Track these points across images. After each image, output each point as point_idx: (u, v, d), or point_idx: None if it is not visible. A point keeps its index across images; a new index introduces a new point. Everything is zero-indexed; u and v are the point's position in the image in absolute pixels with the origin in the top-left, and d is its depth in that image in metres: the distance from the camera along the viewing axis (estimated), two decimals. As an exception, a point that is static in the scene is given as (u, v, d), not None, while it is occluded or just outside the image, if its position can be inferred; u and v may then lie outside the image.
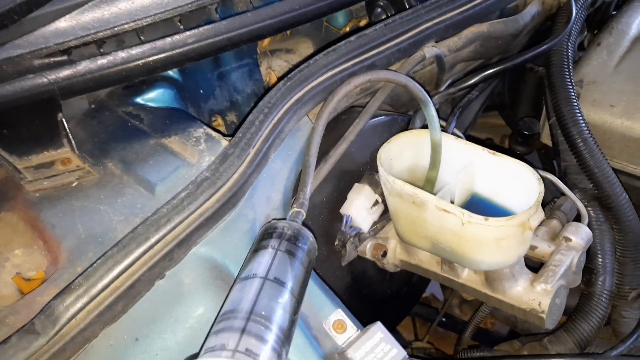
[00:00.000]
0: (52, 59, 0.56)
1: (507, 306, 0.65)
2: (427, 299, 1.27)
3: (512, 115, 0.98)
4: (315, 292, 0.53)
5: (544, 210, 0.69)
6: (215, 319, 0.44)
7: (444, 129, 0.83)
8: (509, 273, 0.63)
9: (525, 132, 0.88)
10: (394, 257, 0.75)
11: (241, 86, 0.84)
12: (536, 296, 0.62)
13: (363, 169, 0.74)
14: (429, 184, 0.67)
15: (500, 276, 0.63)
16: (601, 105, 0.84)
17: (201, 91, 0.80)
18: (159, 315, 0.49)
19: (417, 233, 0.65)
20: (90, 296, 0.43)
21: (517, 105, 0.97)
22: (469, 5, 0.72)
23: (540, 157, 0.95)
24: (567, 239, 0.67)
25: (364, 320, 0.54)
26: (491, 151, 0.63)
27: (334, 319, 0.51)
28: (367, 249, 0.75)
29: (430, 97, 0.67)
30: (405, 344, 0.99)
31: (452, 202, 0.66)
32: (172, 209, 0.47)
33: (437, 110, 0.67)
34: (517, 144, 0.92)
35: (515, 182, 0.61)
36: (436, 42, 0.74)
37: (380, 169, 0.62)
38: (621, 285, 0.77)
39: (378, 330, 0.47)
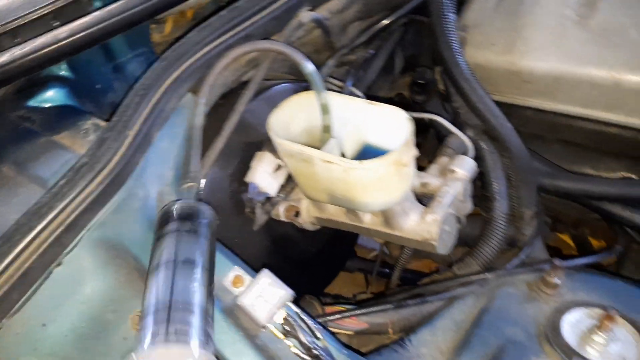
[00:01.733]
0: None
1: (406, 240, 0.71)
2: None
3: (413, 65, 1.03)
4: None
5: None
6: (142, 313, 0.46)
7: (340, 89, 0.88)
8: (401, 210, 0.69)
9: (420, 81, 0.93)
10: (308, 215, 0.79)
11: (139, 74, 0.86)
12: (427, 226, 0.68)
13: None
14: (324, 141, 0.72)
15: (394, 214, 0.69)
16: (484, 46, 0.90)
17: (98, 86, 0.81)
18: (64, 299, 0.52)
19: (315, 188, 0.70)
20: (-19, 289, 0.46)
21: (418, 58, 1.02)
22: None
23: (441, 103, 1.01)
24: (452, 172, 0.73)
25: (292, 280, 0.58)
26: (369, 101, 0.67)
27: (232, 276, 0.55)
28: (281, 211, 0.79)
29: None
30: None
31: (343, 155, 0.71)
32: (52, 197, 0.50)
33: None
34: (416, 93, 0.98)
35: (392, 125, 0.65)
36: (314, 6, 0.77)
37: (269, 133, 0.66)
38: (518, 208, 0.84)
39: (265, 276, 0.51)
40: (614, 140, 0.89)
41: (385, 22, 0.87)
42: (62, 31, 0.63)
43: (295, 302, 0.54)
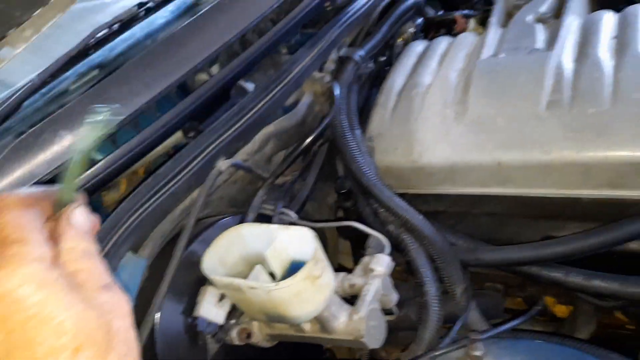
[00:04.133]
0: None
1: (341, 342, 0.78)
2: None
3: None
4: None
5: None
6: None
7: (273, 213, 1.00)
8: (330, 315, 0.77)
9: (340, 191, 1.06)
10: (261, 333, 0.87)
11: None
12: (355, 325, 0.76)
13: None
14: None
15: (325, 319, 0.77)
16: (389, 151, 1.05)
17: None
18: None
19: (254, 311, 0.79)
20: None
21: (335, 170, 1.16)
22: (243, 121, 0.92)
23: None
24: (372, 270, 0.82)
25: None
26: (281, 226, 0.79)
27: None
28: (234, 336, 0.87)
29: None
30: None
31: (273, 275, 0.81)
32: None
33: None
34: (343, 201, 1.10)
35: (305, 243, 0.76)
36: (232, 153, 0.92)
37: (202, 270, 0.76)
38: (449, 286, 0.93)
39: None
40: (525, 206, 1.01)
41: (303, 146, 1.03)
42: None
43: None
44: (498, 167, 0.92)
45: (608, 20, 1.02)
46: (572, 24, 1.05)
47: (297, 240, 0.78)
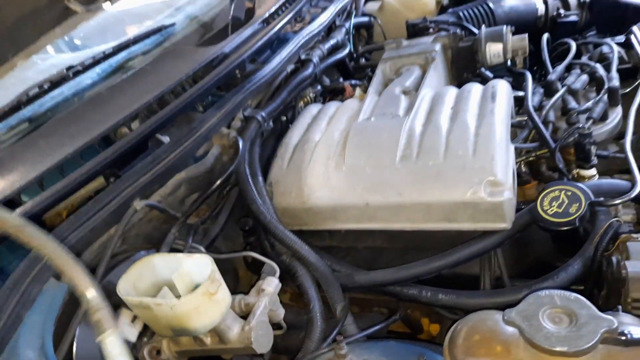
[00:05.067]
0: None
1: (236, 350, 0.95)
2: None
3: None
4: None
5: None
6: None
7: (184, 247, 1.16)
8: (225, 327, 0.94)
9: (244, 228, 1.26)
10: (169, 351, 1.01)
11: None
12: (246, 334, 0.93)
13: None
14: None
15: (222, 331, 0.94)
16: (284, 195, 1.26)
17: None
18: None
19: (161, 327, 0.93)
20: None
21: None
22: (158, 168, 1.10)
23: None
24: (262, 290, 1.01)
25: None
26: (186, 254, 0.96)
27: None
28: (145, 354, 1.00)
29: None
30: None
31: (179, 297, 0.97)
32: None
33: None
34: (247, 237, 1.29)
35: (205, 268, 0.94)
36: (148, 196, 1.09)
37: (118, 292, 0.91)
38: (331, 304, 1.13)
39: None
40: (392, 240, 1.26)
41: (211, 190, 1.21)
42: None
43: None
44: (366, 207, 1.17)
45: (451, 94, 1.34)
46: (425, 96, 1.35)
47: (199, 266, 0.95)
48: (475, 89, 1.32)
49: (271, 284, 1.02)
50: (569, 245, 1.08)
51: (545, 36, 1.70)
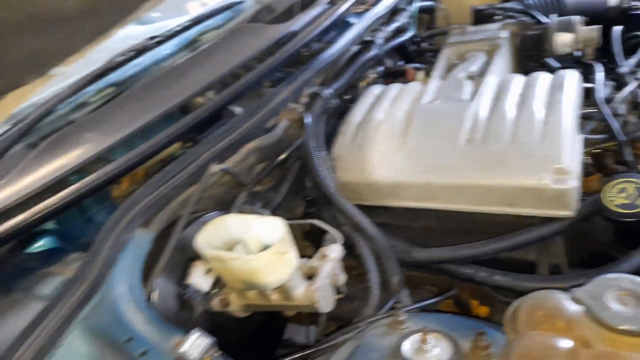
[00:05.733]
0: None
1: (300, 307, 1.02)
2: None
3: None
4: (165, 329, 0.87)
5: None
6: None
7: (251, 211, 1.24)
8: (292, 285, 1.01)
9: (306, 199, 1.32)
10: (237, 303, 1.10)
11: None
12: (312, 293, 1.00)
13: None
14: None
15: (288, 288, 1.01)
16: (347, 169, 1.31)
17: (75, 233, 1.14)
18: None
19: (234, 280, 1.01)
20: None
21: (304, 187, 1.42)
22: (233, 136, 1.17)
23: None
24: (327, 256, 1.07)
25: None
26: (258, 216, 1.03)
27: (175, 340, 0.84)
28: (215, 303, 1.09)
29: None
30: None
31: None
32: (54, 300, 0.79)
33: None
34: (307, 207, 1.35)
35: (276, 231, 1.00)
36: (220, 161, 1.17)
37: (196, 246, 0.99)
38: (387, 276, 1.18)
39: (196, 333, 0.81)
40: (448, 221, 1.29)
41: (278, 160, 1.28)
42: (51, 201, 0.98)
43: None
44: (427, 186, 1.20)
45: (517, 81, 1.34)
46: (491, 82, 1.36)
47: (269, 229, 1.02)
48: (543, 78, 1.32)
49: (335, 251, 1.08)
50: (632, 238, 1.08)
51: (619, 29, 1.66)
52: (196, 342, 0.80)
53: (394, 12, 1.91)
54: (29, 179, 1.01)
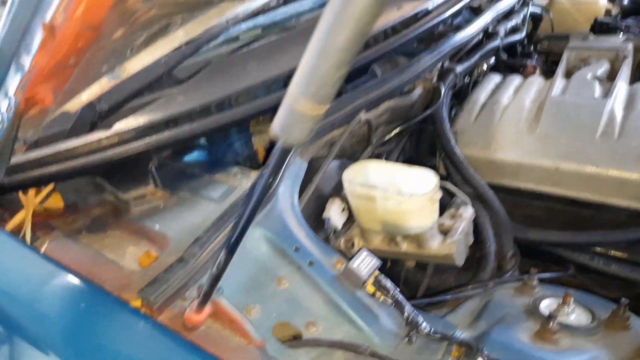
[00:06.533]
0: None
1: (433, 258, 1.06)
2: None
3: (417, 157, 1.46)
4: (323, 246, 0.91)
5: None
6: None
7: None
8: (430, 235, 1.05)
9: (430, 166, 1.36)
10: (358, 246, 1.14)
11: (240, 150, 1.26)
12: (447, 247, 1.04)
13: (334, 192, 1.16)
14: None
15: (426, 238, 1.05)
16: (469, 145, 1.35)
17: (218, 154, 1.20)
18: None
19: (372, 220, 1.06)
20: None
21: (420, 151, 1.46)
22: (379, 91, 1.22)
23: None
24: (460, 215, 1.11)
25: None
26: (404, 166, 1.07)
27: (334, 260, 0.89)
28: (342, 243, 1.14)
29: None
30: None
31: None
32: (232, 206, 0.85)
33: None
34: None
35: (424, 179, 1.05)
36: (367, 110, 1.22)
37: (345, 183, 1.04)
38: (501, 249, 1.21)
39: (365, 251, 0.85)
40: (558, 214, 1.31)
41: (404, 125, 1.33)
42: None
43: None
44: (555, 171, 1.23)
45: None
46: (622, 86, 1.39)
47: (414, 179, 1.06)
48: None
49: (468, 211, 1.12)
50: None
51: None
52: (365, 260, 0.85)
53: (509, 12, 1.94)
54: (199, 95, 1.07)
